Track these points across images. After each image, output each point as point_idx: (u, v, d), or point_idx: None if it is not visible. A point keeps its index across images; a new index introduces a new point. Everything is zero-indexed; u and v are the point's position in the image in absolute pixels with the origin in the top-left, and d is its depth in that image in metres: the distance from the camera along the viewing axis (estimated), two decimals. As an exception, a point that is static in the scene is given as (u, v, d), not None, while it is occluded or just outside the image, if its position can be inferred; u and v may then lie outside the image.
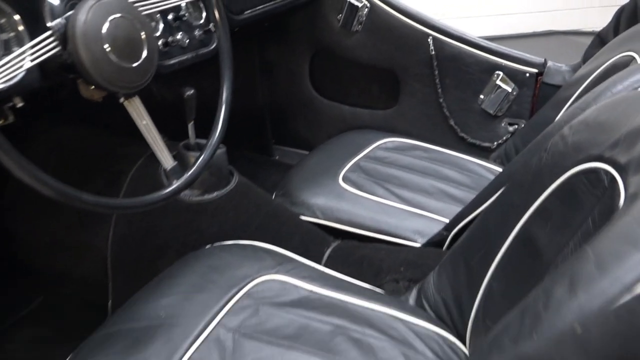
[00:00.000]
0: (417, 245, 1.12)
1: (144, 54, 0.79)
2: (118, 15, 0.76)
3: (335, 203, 1.22)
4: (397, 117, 1.61)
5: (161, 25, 1.07)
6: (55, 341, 1.24)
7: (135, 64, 0.78)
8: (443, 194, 1.24)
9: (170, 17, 1.09)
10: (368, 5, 1.52)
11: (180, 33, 1.10)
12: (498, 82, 1.42)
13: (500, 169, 1.35)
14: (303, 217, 1.22)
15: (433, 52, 1.47)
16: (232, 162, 1.92)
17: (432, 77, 1.50)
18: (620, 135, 0.54)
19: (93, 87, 0.78)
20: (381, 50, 1.56)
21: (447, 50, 1.46)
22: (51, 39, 0.72)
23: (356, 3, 1.52)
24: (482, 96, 1.47)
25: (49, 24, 0.72)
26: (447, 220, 1.15)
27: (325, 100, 1.74)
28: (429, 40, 1.47)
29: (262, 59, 1.79)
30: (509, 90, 1.42)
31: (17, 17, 0.75)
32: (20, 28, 0.77)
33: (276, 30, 1.70)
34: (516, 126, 1.45)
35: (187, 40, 1.11)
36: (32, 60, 0.71)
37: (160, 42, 1.06)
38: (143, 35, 0.79)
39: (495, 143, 1.48)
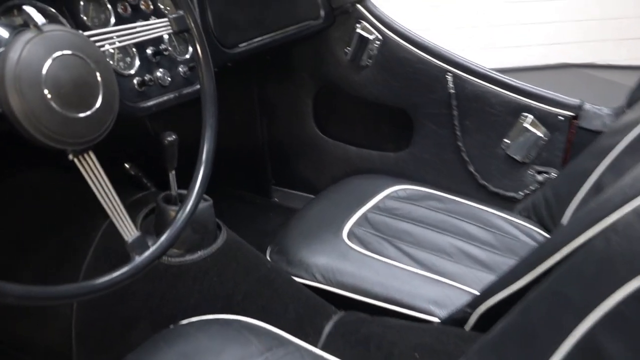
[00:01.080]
0: (434, 319, 0.94)
1: (99, 101, 0.63)
2: (67, 52, 0.61)
3: (338, 264, 1.06)
4: (409, 161, 1.46)
5: (137, 62, 0.92)
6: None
7: (84, 114, 0.62)
8: (463, 255, 1.07)
9: (149, 51, 0.94)
10: (380, 37, 1.38)
11: (161, 70, 0.96)
12: (526, 125, 1.26)
13: (528, 225, 1.18)
14: (301, 280, 1.06)
15: (452, 91, 1.32)
16: (229, 202, 1.78)
17: (450, 117, 1.34)
18: None
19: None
20: (393, 87, 1.41)
21: (468, 88, 1.31)
22: None
23: (366, 35, 1.38)
24: (507, 140, 1.30)
25: None
26: (468, 289, 0.98)
27: (331, 140, 1.59)
28: (447, 77, 1.32)
29: (262, 94, 1.66)
30: (539, 134, 1.26)
31: None
32: None
33: (278, 63, 1.56)
34: (546, 175, 1.28)
35: (169, 79, 0.97)
36: None
37: (135, 81, 0.91)
38: (99, 77, 0.63)
39: (522, 193, 1.30)
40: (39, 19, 0.59)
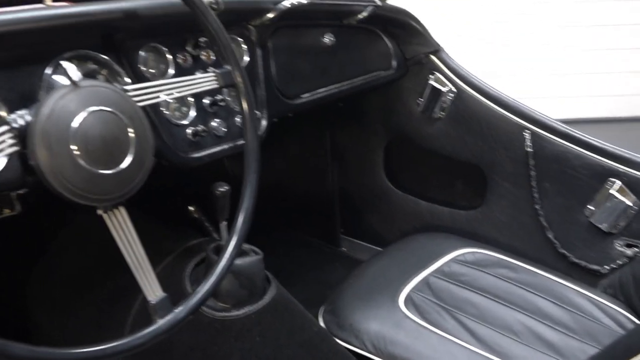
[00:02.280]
0: (492, 412, 0.84)
1: (129, 157, 0.62)
2: (100, 108, 0.60)
3: (391, 333, 0.98)
4: (482, 221, 1.35)
5: (193, 112, 0.92)
6: None
7: (112, 171, 0.61)
8: (532, 337, 0.96)
9: (206, 101, 0.94)
10: (454, 90, 1.31)
11: (217, 120, 0.95)
12: (613, 191, 1.13)
13: (612, 305, 1.04)
14: (349, 347, 0.99)
15: (530, 149, 1.21)
16: (296, 248, 1.74)
17: (528, 177, 1.24)
18: None
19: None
20: (467, 141, 1.33)
21: (547, 147, 1.20)
22: (8, 135, 0.57)
23: (439, 87, 1.32)
24: (591, 207, 1.17)
25: (8, 116, 0.58)
26: (535, 379, 0.87)
27: (401, 193, 1.53)
28: (525, 134, 1.22)
29: (334, 141, 1.63)
30: (629, 203, 1.12)
31: None
32: (2, 113, 0.65)
33: (350, 110, 1.54)
34: (636, 249, 1.13)
35: (225, 129, 0.96)
36: None
37: (189, 131, 0.91)
38: (131, 133, 0.63)
39: (607, 268, 1.16)
40: (75, 74, 0.60)
